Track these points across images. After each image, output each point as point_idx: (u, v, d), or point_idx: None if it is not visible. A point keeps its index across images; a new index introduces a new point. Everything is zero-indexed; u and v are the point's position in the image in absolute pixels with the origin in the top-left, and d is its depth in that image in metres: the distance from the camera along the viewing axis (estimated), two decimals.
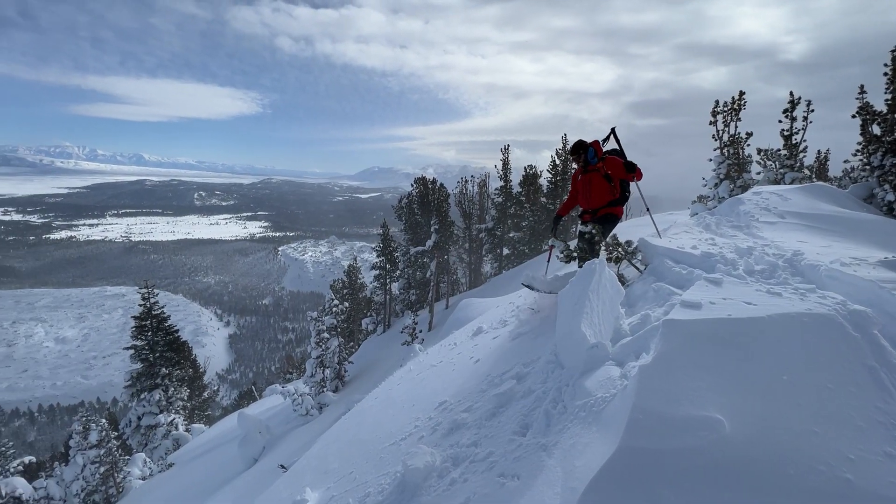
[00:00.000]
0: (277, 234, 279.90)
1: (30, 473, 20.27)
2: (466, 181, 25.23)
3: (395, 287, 23.50)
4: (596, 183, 4.77)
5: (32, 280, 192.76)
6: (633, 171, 4.69)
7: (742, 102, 10.10)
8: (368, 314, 23.89)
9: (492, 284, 18.72)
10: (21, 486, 13.72)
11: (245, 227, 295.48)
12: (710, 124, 10.34)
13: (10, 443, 14.74)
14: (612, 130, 5.15)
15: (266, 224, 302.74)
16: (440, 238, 17.75)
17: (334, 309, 16.74)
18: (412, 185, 24.22)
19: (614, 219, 5.00)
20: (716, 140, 10.37)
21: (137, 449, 20.01)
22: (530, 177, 23.56)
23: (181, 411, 22.24)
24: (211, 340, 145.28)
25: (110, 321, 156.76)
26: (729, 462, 1.67)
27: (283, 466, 7.82)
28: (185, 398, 23.27)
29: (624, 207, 5.07)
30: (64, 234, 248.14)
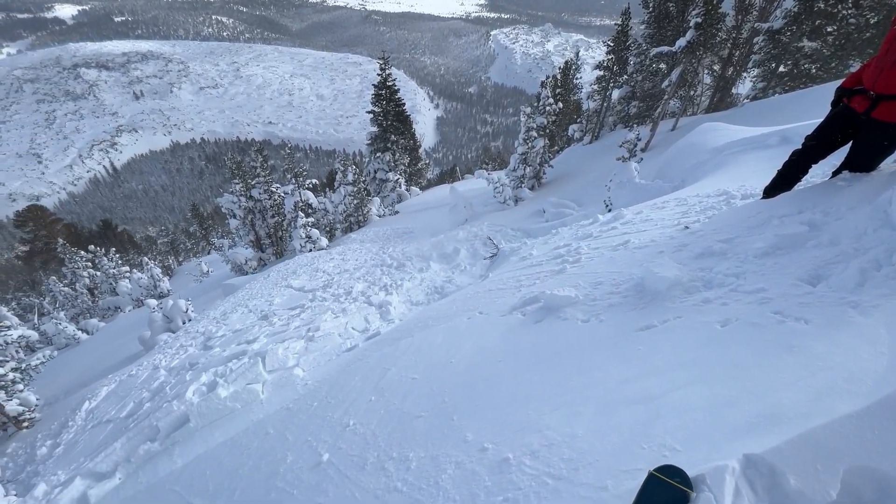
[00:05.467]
0: (492, 15, 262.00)
1: (313, 191, 28.86)
2: None
3: (615, 94, 20.70)
4: None
5: (300, 41, 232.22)
6: None
7: None
8: (578, 120, 22.36)
9: (745, 111, 14.77)
10: (311, 197, 19.71)
11: (462, 4, 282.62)
12: None
13: (305, 165, 20.56)
14: None
15: (482, 2, 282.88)
16: (698, 37, 13.80)
17: (547, 108, 16.05)
18: None
19: None
20: None
21: (373, 194, 25.88)
22: None
23: (402, 174, 26.99)
24: (422, 119, 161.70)
25: (351, 86, 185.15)
26: None
27: (493, 247, 9.13)
28: (406, 164, 27.89)
29: None
30: None
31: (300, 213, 17.25)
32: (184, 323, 11.96)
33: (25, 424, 7.84)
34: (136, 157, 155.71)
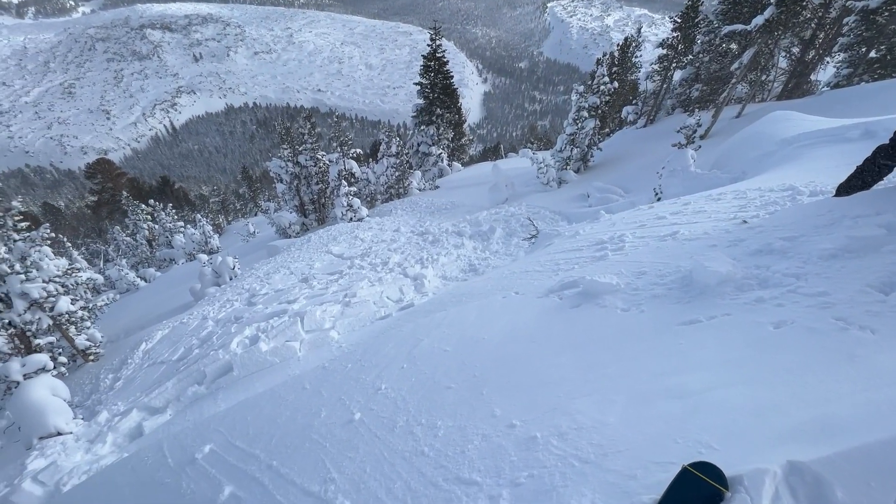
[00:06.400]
0: None
1: (356, 161, 29.23)
2: None
3: (676, 75, 19.37)
4: None
5: (352, 7, 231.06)
6: None
7: None
8: (633, 101, 21.20)
9: (824, 99, 13.48)
10: (354, 167, 19.99)
11: None
12: None
13: (350, 135, 20.79)
14: None
15: None
16: (778, 14, 12.56)
17: (602, 87, 15.30)
18: None
19: None
20: None
21: (415, 168, 25.89)
22: None
23: (445, 149, 26.77)
24: (469, 94, 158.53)
25: (400, 56, 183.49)
26: None
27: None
28: (450, 139, 27.61)
29: None
30: None
31: (343, 181, 17.59)
32: (231, 279, 12.65)
33: (91, 358, 8.67)
34: (193, 118, 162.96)
